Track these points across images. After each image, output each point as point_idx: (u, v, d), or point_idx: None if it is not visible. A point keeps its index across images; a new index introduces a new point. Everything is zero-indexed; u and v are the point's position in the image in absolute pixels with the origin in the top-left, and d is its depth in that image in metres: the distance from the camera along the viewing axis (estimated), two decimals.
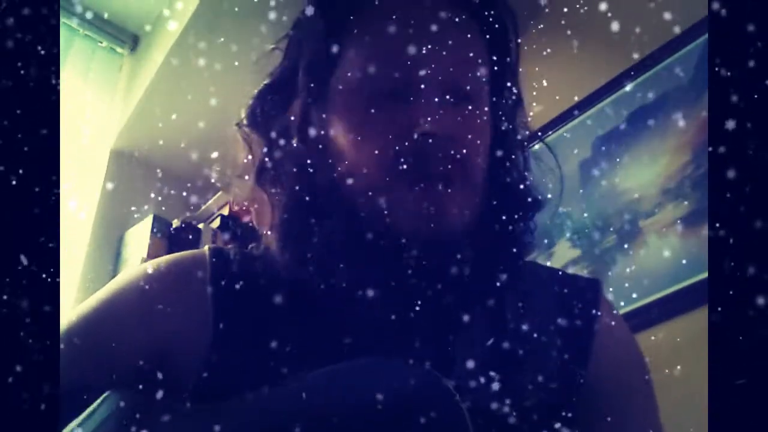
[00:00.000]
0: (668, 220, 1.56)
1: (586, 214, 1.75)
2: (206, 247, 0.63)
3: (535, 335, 0.58)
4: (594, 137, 1.82)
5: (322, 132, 0.59)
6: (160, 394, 0.51)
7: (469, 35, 0.60)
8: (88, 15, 2.11)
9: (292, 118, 0.61)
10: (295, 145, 0.60)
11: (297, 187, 0.58)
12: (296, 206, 0.58)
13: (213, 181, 2.03)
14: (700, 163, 1.54)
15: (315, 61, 0.60)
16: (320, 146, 0.59)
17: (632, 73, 1.78)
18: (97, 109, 2.07)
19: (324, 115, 0.60)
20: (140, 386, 0.53)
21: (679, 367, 1.36)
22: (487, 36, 0.61)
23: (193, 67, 1.88)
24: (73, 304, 1.76)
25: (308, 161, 0.58)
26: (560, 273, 0.67)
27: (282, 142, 0.60)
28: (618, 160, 1.73)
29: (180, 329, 0.57)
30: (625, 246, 1.63)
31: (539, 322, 0.59)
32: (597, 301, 0.62)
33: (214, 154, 1.98)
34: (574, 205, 1.79)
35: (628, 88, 1.78)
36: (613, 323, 0.63)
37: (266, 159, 0.61)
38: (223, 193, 2.02)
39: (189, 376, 0.56)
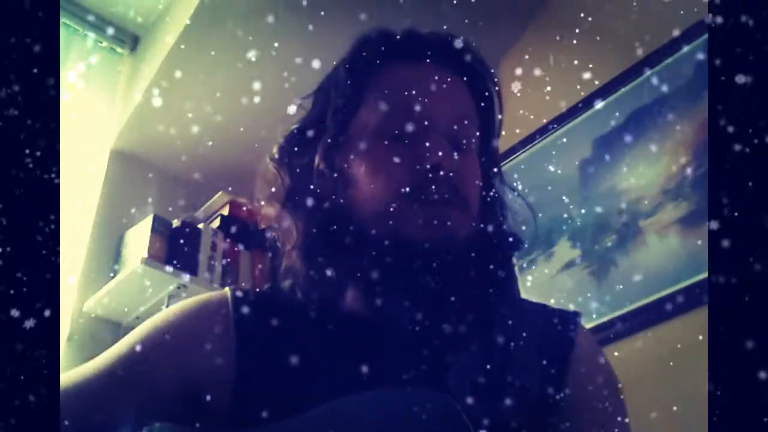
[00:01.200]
0: (668, 220, 1.56)
1: (586, 214, 1.75)
2: (227, 288, 0.70)
3: (520, 360, 0.64)
4: (594, 137, 1.82)
5: (343, 166, 0.69)
6: (193, 426, 0.57)
7: (464, 98, 0.72)
8: (88, 15, 2.10)
9: (317, 154, 0.70)
10: (318, 176, 0.70)
11: (319, 213, 0.68)
12: (317, 229, 0.67)
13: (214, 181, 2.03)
14: (700, 163, 1.54)
15: (340, 108, 0.71)
16: (340, 178, 0.69)
17: (632, 73, 1.78)
18: (97, 109, 2.07)
19: (344, 153, 0.70)
20: (175, 420, 0.58)
21: (678, 367, 1.36)
22: (478, 101, 0.74)
23: (193, 67, 1.88)
24: (74, 304, 1.76)
25: (329, 191, 0.68)
26: (545, 306, 0.74)
27: (307, 173, 0.70)
28: (618, 160, 1.73)
29: (206, 367, 0.63)
30: (625, 246, 1.63)
31: (524, 349, 0.65)
32: (575, 332, 0.69)
33: (214, 154, 1.99)
34: (574, 205, 1.79)
35: (627, 88, 1.78)
36: (589, 352, 0.70)
37: (293, 188, 0.71)
38: (223, 193, 2.02)
39: (219, 410, 0.61)
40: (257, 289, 0.72)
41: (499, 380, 0.62)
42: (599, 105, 1.84)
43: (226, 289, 0.70)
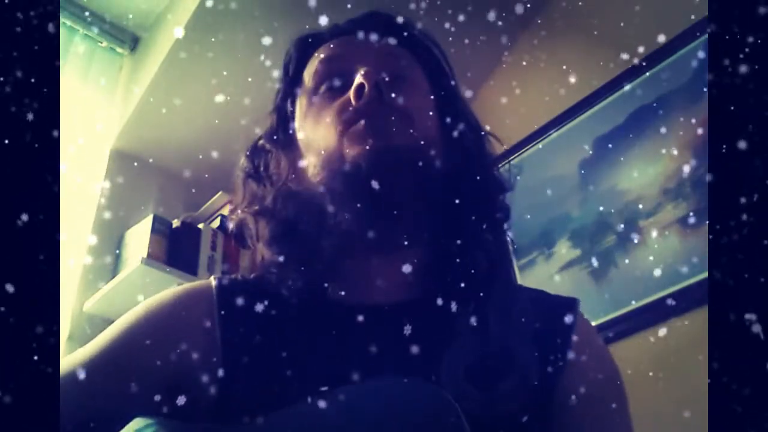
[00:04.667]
0: (668, 220, 1.56)
1: (586, 214, 1.75)
2: (212, 277, 0.68)
3: (516, 348, 0.63)
4: (594, 137, 1.82)
5: (289, 142, 0.72)
6: (181, 419, 0.56)
7: (395, 49, 0.72)
8: (89, 15, 2.10)
9: (266, 143, 0.75)
10: (270, 164, 0.72)
11: (277, 201, 0.68)
12: (279, 218, 0.68)
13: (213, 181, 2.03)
14: (700, 163, 1.54)
15: (281, 97, 0.76)
16: (289, 153, 0.71)
17: (632, 72, 1.78)
18: (97, 109, 2.07)
19: (288, 131, 0.73)
20: (164, 411, 0.58)
21: (678, 367, 1.36)
22: (419, 58, 0.74)
23: (193, 67, 1.88)
24: (73, 304, 1.76)
25: (282, 173, 0.70)
26: (542, 293, 0.73)
27: (264, 170, 0.73)
28: (618, 160, 1.73)
29: (192, 356, 0.61)
30: (625, 246, 1.63)
31: (520, 336, 0.64)
32: (573, 318, 0.68)
33: (214, 154, 1.99)
34: (574, 205, 1.79)
35: (627, 88, 1.78)
36: (588, 339, 0.68)
37: (254, 187, 0.73)
38: (223, 193, 2.02)
39: (206, 400, 0.60)
40: (243, 278, 0.71)
41: (494, 367, 0.60)
42: (599, 105, 1.83)
43: (211, 278, 0.69)
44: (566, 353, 0.64)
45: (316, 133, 0.67)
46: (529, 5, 2.09)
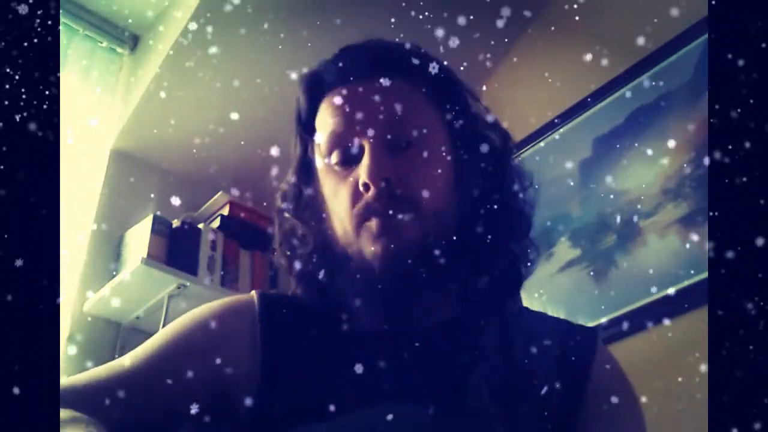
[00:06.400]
0: (668, 220, 1.56)
1: (586, 214, 1.75)
2: (253, 292, 0.72)
3: (536, 372, 0.65)
4: (594, 137, 1.82)
5: (316, 198, 0.73)
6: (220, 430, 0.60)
7: (398, 96, 0.70)
8: (88, 15, 2.10)
9: (292, 201, 0.75)
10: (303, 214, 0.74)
11: (308, 243, 0.71)
12: (307, 257, 0.71)
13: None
14: (700, 163, 1.54)
15: (298, 156, 0.76)
16: (316, 210, 0.73)
17: (632, 72, 1.78)
18: (97, 109, 2.07)
19: (314, 188, 0.74)
20: (204, 423, 0.60)
21: (679, 366, 1.36)
22: (428, 88, 0.72)
23: (193, 67, 1.88)
24: (74, 304, 1.76)
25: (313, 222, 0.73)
26: (563, 321, 0.75)
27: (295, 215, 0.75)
28: (618, 160, 1.73)
29: (233, 368, 0.64)
30: (625, 246, 1.63)
31: (541, 361, 0.66)
32: (594, 347, 0.70)
33: (215, 154, 1.99)
34: (574, 205, 1.79)
35: (627, 88, 1.78)
36: (607, 366, 0.70)
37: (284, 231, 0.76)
38: (223, 193, 2.02)
39: (244, 412, 0.62)
40: (283, 293, 0.74)
41: (517, 388, 0.63)
42: (599, 105, 1.83)
43: (253, 292, 0.72)
44: (586, 381, 0.67)
45: (336, 206, 0.69)
46: (529, 5, 2.09)
